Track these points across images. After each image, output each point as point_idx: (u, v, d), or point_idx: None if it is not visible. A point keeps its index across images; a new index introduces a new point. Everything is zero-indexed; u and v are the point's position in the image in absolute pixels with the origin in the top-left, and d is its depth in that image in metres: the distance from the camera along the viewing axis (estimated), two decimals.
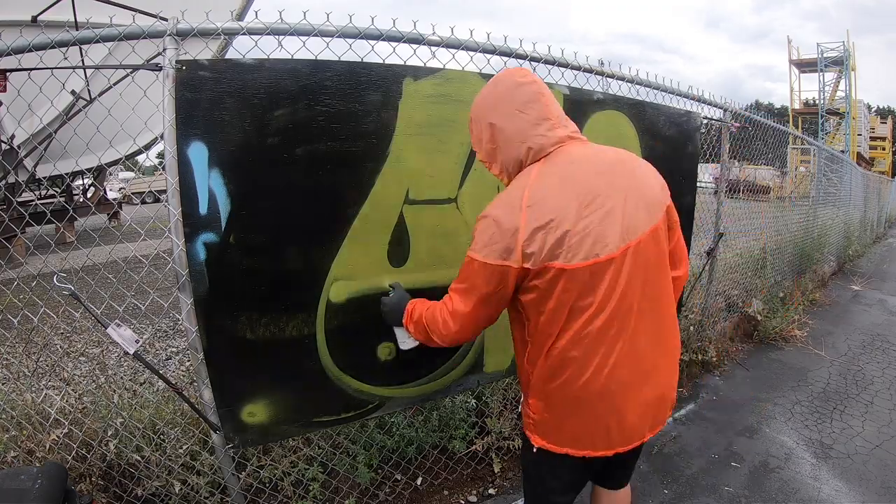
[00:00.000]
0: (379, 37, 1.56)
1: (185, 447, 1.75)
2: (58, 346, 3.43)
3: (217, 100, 1.29)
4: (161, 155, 1.35)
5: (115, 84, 1.64)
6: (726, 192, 3.37)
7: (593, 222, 1.01)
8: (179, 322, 1.84)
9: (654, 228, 1.08)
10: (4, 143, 6.58)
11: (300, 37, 1.44)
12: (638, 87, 2.32)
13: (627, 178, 1.08)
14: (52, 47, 1.33)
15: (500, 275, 1.05)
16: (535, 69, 1.92)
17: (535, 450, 1.19)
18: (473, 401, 2.24)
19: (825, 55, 22.32)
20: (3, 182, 5.97)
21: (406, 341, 1.47)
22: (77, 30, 1.33)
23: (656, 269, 1.10)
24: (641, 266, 1.06)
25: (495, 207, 1.08)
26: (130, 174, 17.35)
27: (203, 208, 1.32)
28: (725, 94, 3.02)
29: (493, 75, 1.75)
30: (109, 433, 1.74)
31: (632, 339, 1.07)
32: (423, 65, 1.63)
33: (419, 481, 2.15)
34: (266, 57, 1.38)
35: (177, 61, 1.26)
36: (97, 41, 1.34)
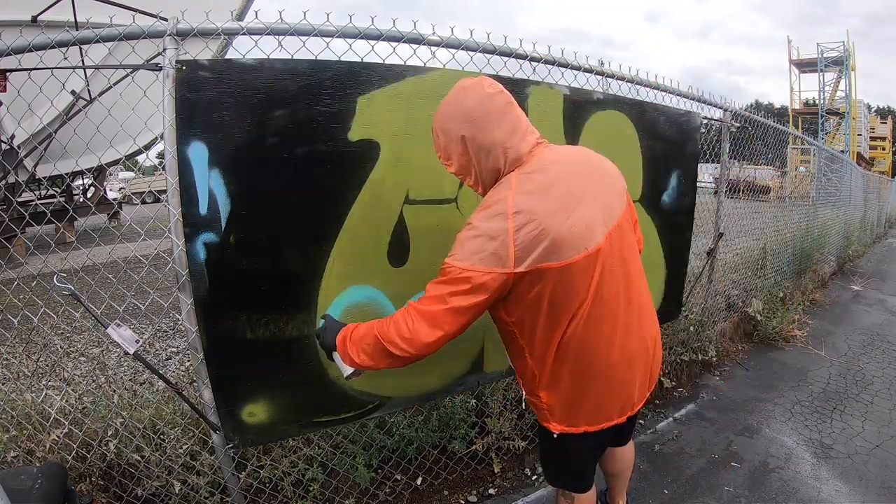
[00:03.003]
0: (379, 37, 1.56)
1: (185, 447, 1.75)
2: (58, 346, 3.43)
3: (217, 100, 1.29)
4: (161, 155, 1.35)
5: (115, 84, 1.64)
6: (726, 191, 3.36)
7: (579, 220, 1.07)
8: (179, 322, 1.83)
9: (624, 211, 1.20)
10: (4, 143, 6.58)
11: (300, 37, 1.44)
12: (637, 87, 2.32)
13: (598, 174, 1.18)
14: (52, 47, 1.33)
15: (485, 283, 1.04)
16: (535, 69, 1.92)
17: (555, 436, 1.24)
18: (473, 401, 2.24)
19: (825, 55, 22.31)
20: (3, 182, 5.97)
21: (346, 369, 1.28)
22: (77, 30, 1.33)
23: (630, 245, 1.22)
24: (619, 245, 1.16)
25: (481, 218, 1.08)
26: (130, 174, 17.35)
27: (203, 208, 1.32)
28: (691, 88, 2.90)
29: (493, 75, 1.76)
30: (109, 433, 1.74)
31: (626, 310, 1.17)
32: (423, 65, 1.63)
33: (419, 481, 2.15)
34: (266, 57, 1.38)
35: (177, 61, 1.26)
36: (97, 41, 1.34)
